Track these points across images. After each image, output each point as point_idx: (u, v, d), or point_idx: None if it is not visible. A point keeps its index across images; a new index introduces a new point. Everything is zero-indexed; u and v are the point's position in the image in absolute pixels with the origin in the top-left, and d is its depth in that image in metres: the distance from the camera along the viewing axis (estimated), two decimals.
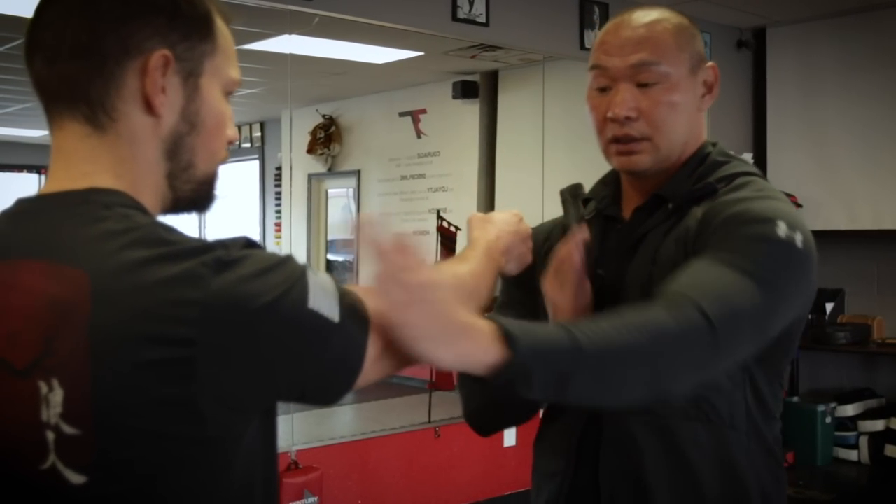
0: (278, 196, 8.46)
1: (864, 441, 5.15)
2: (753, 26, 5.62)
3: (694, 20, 1.32)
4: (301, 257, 4.97)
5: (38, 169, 11.17)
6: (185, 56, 0.92)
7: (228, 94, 0.97)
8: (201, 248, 0.83)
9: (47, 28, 0.90)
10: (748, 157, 5.56)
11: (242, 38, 4.59)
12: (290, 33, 4.03)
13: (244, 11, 3.61)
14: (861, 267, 5.43)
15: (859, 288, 5.44)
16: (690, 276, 1.10)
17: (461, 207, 6.33)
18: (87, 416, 0.79)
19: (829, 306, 5.46)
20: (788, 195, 5.35)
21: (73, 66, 0.89)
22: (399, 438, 4.11)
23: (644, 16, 1.28)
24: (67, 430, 0.80)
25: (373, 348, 0.89)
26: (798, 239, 1.15)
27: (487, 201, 6.26)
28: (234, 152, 5.09)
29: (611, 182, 1.39)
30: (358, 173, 7.50)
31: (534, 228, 1.37)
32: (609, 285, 1.29)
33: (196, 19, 0.93)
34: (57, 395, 0.80)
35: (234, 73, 0.97)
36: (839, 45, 5.37)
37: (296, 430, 3.87)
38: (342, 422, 5.97)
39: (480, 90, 6.22)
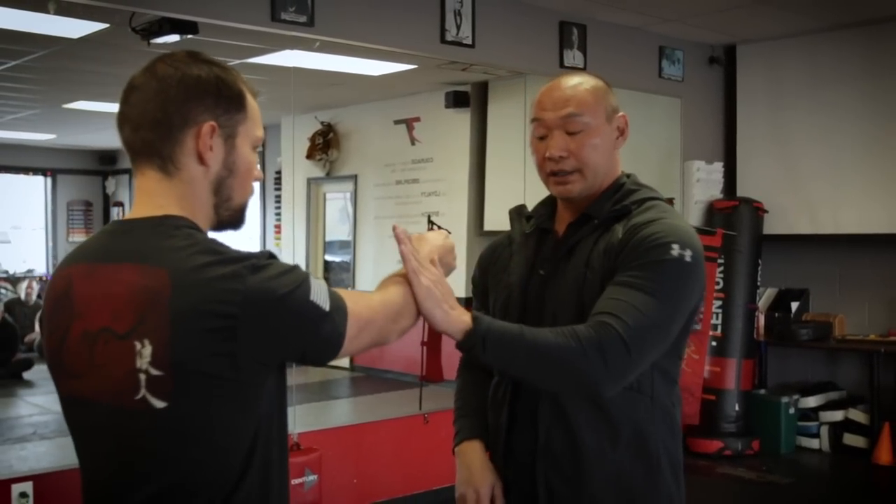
0: (277, 199, 8.78)
1: (825, 430, 5.53)
2: (724, 44, 5.97)
3: (668, 40, 1.69)
4: (300, 258, 5.34)
5: (44, 172, 11.42)
6: (226, 124, 1.31)
7: (255, 147, 1.38)
8: (241, 256, 1.22)
9: (134, 107, 1.30)
10: (719, 165, 5.93)
11: (243, 52, 4.95)
12: (292, 49, 4.42)
13: (253, 33, 3.99)
14: (824, 269, 5.78)
15: (822, 288, 5.79)
16: (610, 300, 1.51)
17: (453, 211, 6.63)
18: (168, 363, 1.18)
19: (794, 305, 5.81)
20: (755, 202, 5.64)
21: (151, 133, 1.28)
22: (391, 424, 4.43)
23: (569, 80, 1.70)
24: (154, 372, 1.18)
25: (351, 330, 1.29)
26: (687, 255, 1.55)
27: (478, 205, 6.54)
28: None
29: (549, 204, 1.81)
30: (355, 178, 7.82)
31: (490, 243, 1.84)
32: (550, 281, 1.68)
33: (233, 98, 1.32)
34: (147, 350, 1.18)
35: (259, 132, 1.38)
36: (805, 62, 5.71)
37: (298, 415, 4.20)
38: (343, 412, 6.31)
39: (471, 100, 6.54)
